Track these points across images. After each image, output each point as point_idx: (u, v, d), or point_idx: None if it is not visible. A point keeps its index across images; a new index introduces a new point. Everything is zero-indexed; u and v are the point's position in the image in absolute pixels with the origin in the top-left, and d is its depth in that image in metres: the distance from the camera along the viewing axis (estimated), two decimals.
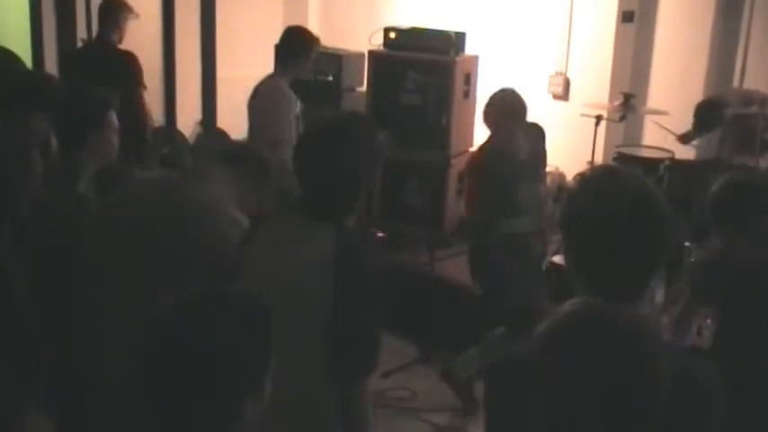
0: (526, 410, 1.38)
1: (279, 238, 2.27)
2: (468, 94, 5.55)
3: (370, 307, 2.18)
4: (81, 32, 6.17)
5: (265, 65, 6.24)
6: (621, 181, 1.66)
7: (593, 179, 1.72)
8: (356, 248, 2.20)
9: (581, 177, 1.73)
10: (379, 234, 5.46)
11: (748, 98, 5.16)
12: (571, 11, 6.02)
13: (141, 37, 5.63)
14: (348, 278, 2.13)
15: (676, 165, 4.90)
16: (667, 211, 1.64)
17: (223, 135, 5.16)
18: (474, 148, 5.78)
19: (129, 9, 5.32)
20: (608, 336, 1.34)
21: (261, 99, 4.80)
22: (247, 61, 6.99)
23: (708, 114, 4.94)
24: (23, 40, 6.18)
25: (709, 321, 4.07)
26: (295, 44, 4.82)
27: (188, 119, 6.55)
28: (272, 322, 1.50)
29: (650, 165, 4.80)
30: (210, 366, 1.40)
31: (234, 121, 6.31)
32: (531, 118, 6.24)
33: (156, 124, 5.61)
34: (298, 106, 4.74)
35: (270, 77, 4.86)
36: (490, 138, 4.30)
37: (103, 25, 5.31)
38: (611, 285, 1.62)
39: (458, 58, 5.39)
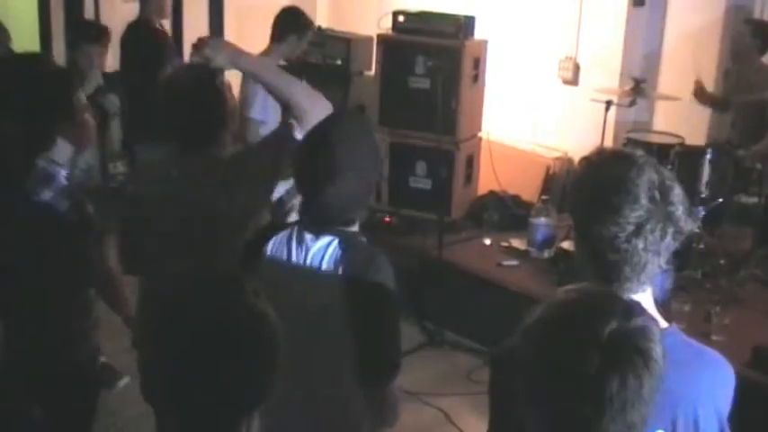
0: (520, 397, 1.36)
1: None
2: (477, 78, 5.52)
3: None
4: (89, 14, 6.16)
5: None
6: (635, 166, 1.62)
7: (604, 164, 1.68)
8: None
9: (587, 161, 1.70)
10: (387, 218, 5.45)
11: None
12: None
13: None
14: None
15: (687, 150, 4.86)
16: (682, 196, 1.62)
17: None
18: (483, 133, 5.77)
19: None
20: (595, 326, 1.31)
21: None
22: (255, 39, 6.96)
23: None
24: (31, 21, 6.18)
25: (718, 309, 4.06)
26: (285, 24, 4.90)
27: None
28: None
29: (661, 150, 4.76)
30: (220, 341, 1.33)
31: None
32: (540, 103, 6.28)
33: None
34: None
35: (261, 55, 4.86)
36: None
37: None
38: (624, 272, 1.60)
39: (467, 43, 5.35)
